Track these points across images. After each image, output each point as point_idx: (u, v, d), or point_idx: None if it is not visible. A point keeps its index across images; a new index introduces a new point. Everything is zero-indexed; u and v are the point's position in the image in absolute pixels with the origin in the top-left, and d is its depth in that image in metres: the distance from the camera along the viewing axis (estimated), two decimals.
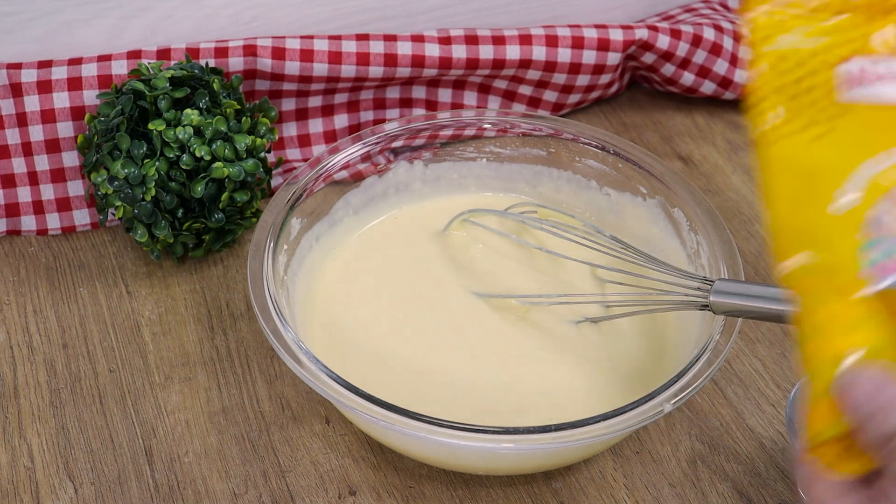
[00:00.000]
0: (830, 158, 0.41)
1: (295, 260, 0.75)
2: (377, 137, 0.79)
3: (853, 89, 0.42)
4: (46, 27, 0.85)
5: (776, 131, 0.42)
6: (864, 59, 0.42)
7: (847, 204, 0.40)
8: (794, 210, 0.41)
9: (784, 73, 0.43)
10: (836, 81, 0.42)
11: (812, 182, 0.41)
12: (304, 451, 0.70)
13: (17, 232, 0.85)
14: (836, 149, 0.41)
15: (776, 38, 0.43)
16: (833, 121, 0.42)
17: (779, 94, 0.43)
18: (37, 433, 0.71)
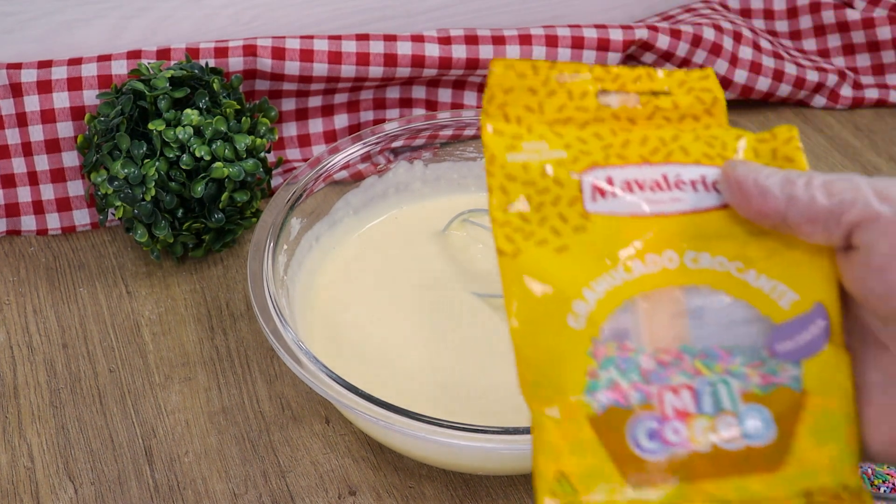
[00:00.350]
0: (571, 272, 0.41)
1: (295, 260, 0.75)
2: (377, 137, 0.79)
3: (597, 200, 0.42)
4: (46, 27, 0.85)
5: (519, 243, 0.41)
6: (609, 168, 0.42)
7: (582, 318, 0.40)
8: (530, 328, 0.40)
9: (528, 183, 0.42)
10: (580, 192, 0.42)
11: (549, 299, 0.40)
12: (304, 452, 0.70)
13: (17, 232, 0.85)
14: (576, 262, 0.41)
15: (521, 146, 0.43)
16: (577, 233, 0.41)
17: (523, 207, 0.42)
18: (37, 433, 0.71)
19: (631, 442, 0.39)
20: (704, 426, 0.39)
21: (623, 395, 0.39)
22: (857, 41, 1.02)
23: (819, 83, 0.99)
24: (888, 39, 1.01)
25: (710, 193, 0.42)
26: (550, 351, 0.40)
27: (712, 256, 0.41)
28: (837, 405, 0.40)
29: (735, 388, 0.40)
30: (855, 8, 1.03)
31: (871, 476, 0.64)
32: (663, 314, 0.41)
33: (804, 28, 1.04)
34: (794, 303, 0.41)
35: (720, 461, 0.39)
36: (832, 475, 0.39)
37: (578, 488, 0.39)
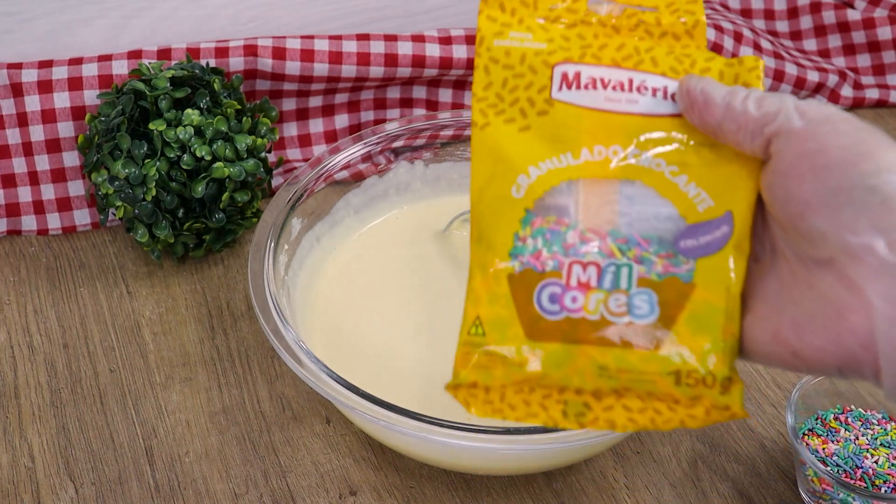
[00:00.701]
0: (525, 149, 0.46)
1: (295, 260, 0.75)
2: (378, 137, 0.79)
3: (563, 90, 0.47)
4: (46, 27, 0.85)
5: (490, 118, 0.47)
6: (581, 65, 0.47)
7: (522, 189, 0.45)
8: (483, 190, 0.46)
9: (507, 67, 0.47)
10: (550, 80, 0.47)
11: (504, 167, 0.46)
12: (304, 452, 0.70)
13: (17, 232, 0.85)
14: (533, 141, 0.46)
15: (508, 33, 0.48)
16: (539, 116, 0.46)
17: (501, 86, 0.47)
18: (37, 433, 0.71)
19: (535, 302, 0.44)
20: (599, 299, 0.44)
21: (540, 261, 0.45)
22: (857, 41, 1.02)
23: (819, 83, 0.99)
24: (888, 39, 1.01)
25: (667, 102, 0.46)
26: (493, 214, 0.46)
27: (653, 157, 0.46)
28: (719, 302, 0.44)
29: (635, 273, 0.44)
30: (855, 8, 1.03)
31: (871, 476, 0.64)
32: (598, 199, 0.45)
33: (805, 28, 1.04)
34: (708, 208, 0.45)
35: (605, 331, 0.44)
36: (702, 362, 0.43)
37: (487, 333, 0.45)
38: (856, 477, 0.64)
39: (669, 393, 0.44)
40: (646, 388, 0.44)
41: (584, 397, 0.45)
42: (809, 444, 0.66)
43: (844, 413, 0.68)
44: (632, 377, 0.44)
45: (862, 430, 0.67)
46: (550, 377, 0.44)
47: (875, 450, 0.65)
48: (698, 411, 0.45)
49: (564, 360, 0.44)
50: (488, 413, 0.46)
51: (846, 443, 0.66)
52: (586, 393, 0.45)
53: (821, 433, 0.67)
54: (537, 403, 0.45)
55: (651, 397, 0.44)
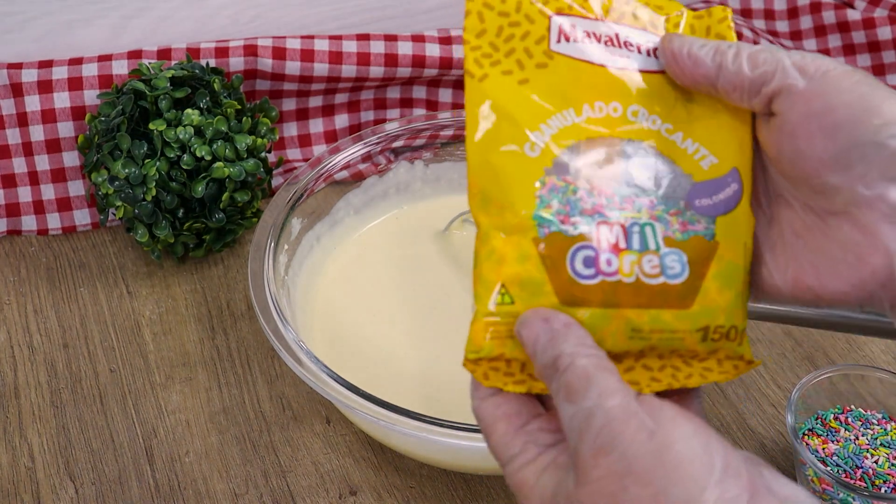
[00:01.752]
0: (529, 105, 0.45)
1: (296, 260, 0.75)
2: (378, 137, 0.79)
3: (562, 42, 0.46)
4: (46, 27, 0.85)
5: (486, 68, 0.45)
6: (573, 17, 0.46)
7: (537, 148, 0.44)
8: (488, 147, 0.44)
9: (502, 14, 0.46)
10: (548, 31, 0.46)
11: (509, 125, 0.44)
12: (304, 451, 0.70)
13: (17, 232, 0.85)
14: (536, 96, 0.45)
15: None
16: (538, 69, 0.45)
17: (495, 35, 0.45)
18: (37, 433, 0.71)
19: (569, 266, 0.43)
20: (632, 260, 0.43)
21: (568, 224, 0.43)
22: (857, 41, 1.02)
23: None
24: (888, 39, 1.01)
25: (651, 59, 0.46)
26: (505, 172, 0.44)
27: (649, 114, 0.46)
28: (737, 258, 0.44)
29: (659, 232, 0.44)
30: (855, 8, 1.03)
31: (871, 476, 0.64)
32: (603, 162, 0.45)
33: (805, 28, 1.04)
34: (713, 165, 0.45)
35: (641, 293, 0.43)
36: (726, 316, 0.44)
37: (516, 300, 0.43)
38: (856, 477, 0.64)
39: (691, 349, 0.44)
40: (673, 345, 0.44)
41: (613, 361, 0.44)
42: (809, 444, 0.66)
43: (844, 413, 0.68)
44: (663, 336, 0.44)
45: (862, 430, 0.67)
46: None
47: (875, 450, 0.65)
48: (712, 364, 0.45)
49: (600, 325, 0.43)
50: (509, 386, 0.44)
51: (846, 443, 0.66)
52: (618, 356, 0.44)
53: (821, 433, 0.67)
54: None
55: (672, 354, 0.44)
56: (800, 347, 0.77)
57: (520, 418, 0.43)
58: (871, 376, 0.68)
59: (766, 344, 0.78)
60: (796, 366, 0.76)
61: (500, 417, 0.43)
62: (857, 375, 0.68)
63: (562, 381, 0.40)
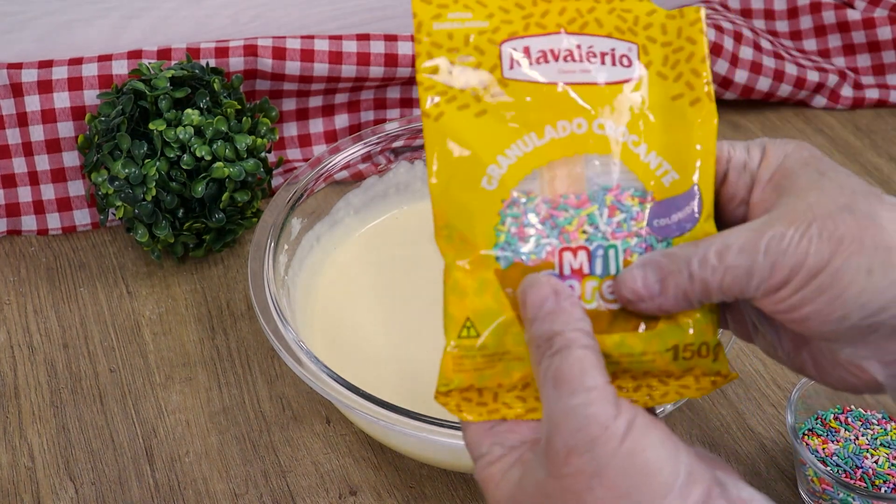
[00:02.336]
0: (487, 136, 0.44)
1: (295, 260, 0.75)
2: (378, 137, 0.79)
3: (515, 69, 0.45)
4: (46, 27, 0.85)
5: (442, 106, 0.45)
6: (527, 38, 0.45)
7: (494, 180, 0.44)
8: (447, 183, 0.44)
9: (452, 50, 0.45)
10: (499, 59, 0.45)
11: (467, 160, 0.44)
12: (304, 451, 0.70)
13: (17, 232, 0.85)
14: (493, 126, 0.44)
15: (446, 15, 0.46)
16: (494, 98, 0.45)
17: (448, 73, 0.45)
18: (37, 433, 0.71)
19: None
20: (594, 287, 0.43)
21: (527, 253, 0.43)
22: (857, 41, 1.02)
23: (819, 83, 0.99)
24: (888, 39, 1.01)
25: (616, 68, 0.46)
26: (464, 208, 0.44)
27: (616, 126, 0.45)
28: None
29: (621, 255, 0.44)
30: (855, 8, 1.03)
31: (871, 476, 0.64)
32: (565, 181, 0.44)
33: (805, 28, 1.04)
34: (674, 181, 0.45)
35: (602, 319, 0.43)
36: (695, 334, 0.44)
37: (481, 333, 0.43)
38: (856, 477, 0.64)
39: (665, 369, 0.44)
40: (644, 367, 0.44)
41: None
42: (809, 444, 0.66)
43: (844, 413, 0.68)
44: (632, 359, 0.44)
45: (862, 430, 0.67)
46: None
47: (875, 450, 0.65)
48: (689, 381, 0.45)
49: None
50: (484, 416, 0.44)
51: (846, 443, 0.66)
52: None
53: (821, 433, 0.67)
54: (533, 398, 0.44)
55: (646, 375, 0.44)
56: None
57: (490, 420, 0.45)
58: None
59: None
60: None
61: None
62: None
63: (553, 364, 0.41)
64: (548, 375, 0.41)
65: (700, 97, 0.46)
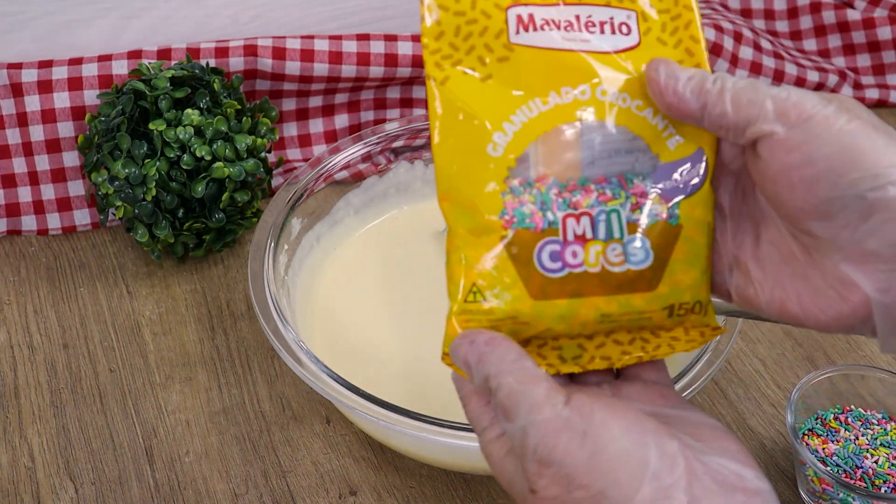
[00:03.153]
0: (492, 101, 0.45)
1: (295, 260, 0.75)
2: (378, 137, 0.79)
3: (521, 33, 0.45)
4: (46, 27, 0.85)
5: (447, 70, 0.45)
6: (529, 6, 0.46)
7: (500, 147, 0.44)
8: (452, 150, 0.45)
9: (458, 13, 0.45)
10: (505, 24, 0.45)
11: (472, 126, 0.44)
12: (304, 452, 0.70)
13: (17, 232, 0.85)
14: (499, 92, 0.45)
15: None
16: (500, 63, 0.45)
17: (454, 35, 0.45)
18: (37, 433, 0.71)
19: (536, 261, 0.44)
20: (597, 251, 0.44)
21: (535, 220, 0.44)
22: (857, 41, 1.02)
23: (819, 83, 0.99)
24: (888, 39, 1.01)
25: (616, 36, 0.46)
26: (469, 173, 0.44)
27: (619, 92, 0.45)
28: (701, 237, 0.45)
29: (624, 219, 0.45)
30: (855, 8, 1.03)
31: (871, 476, 0.64)
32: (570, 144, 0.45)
33: (804, 28, 1.04)
34: (679, 145, 0.45)
35: (607, 282, 0.44)
36: (692, 293, 0.45)
37: (487, 298, 0.44)
38: (856, 477, 0.64)
39: (659, 324, 0.46)
40: (641, 324, 0.45)
41: (578, 340, 0.46)
42: (809, 444, 0.66)
43: (844, 413, 0.68)
44: (632, 318, 0.45)
45: (862, 430, 0.67)
46: (554, 330, 0.45)
47: (875, 450, 0.65)
48: (679, 333, 0.47)
49: (570, 315, 0.44)
50: None
51: (846, 443, 0.66)
52: (580, 336, 0.45)
53: (821, 433, 0.67)
54: (534, 354, 0.45)
55: (641, 329, 0.46)
56: (800, 347, 0.77)
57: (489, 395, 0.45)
58: (871, 376, 0.68)
59: (766, 344, 0.78)
60: (796, 366, 0.76)
61: (472, 392, 0.45)
62: (857, 375, 0.68)
63: (496, 403, 0.42)
64: (498, 414, 0.42)
65: (701, 62, 0.46)
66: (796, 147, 0.41)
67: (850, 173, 0.40)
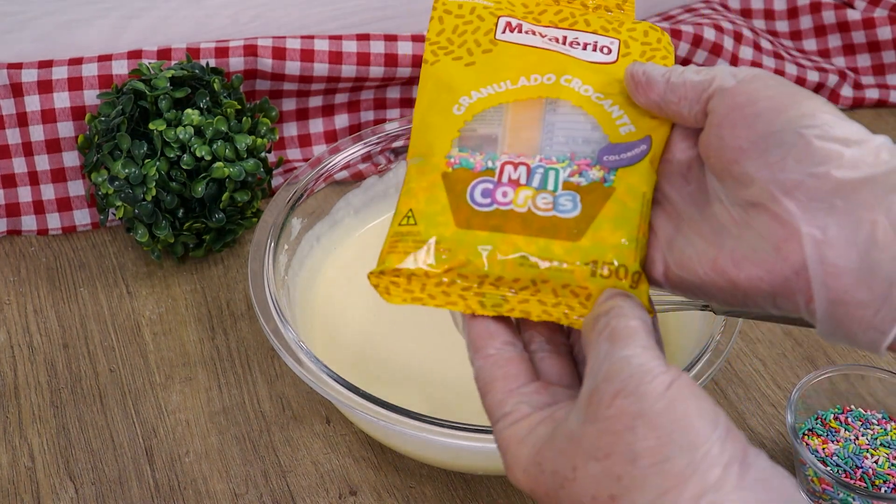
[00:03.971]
0: (468, 77, 0.51)
1: (295, 260, 0.75)
2: (378, 137, 0.79)
3: (506, 33, 0.52)
4: (46, 27, 0.85)
5: (440, 56, 0.52)
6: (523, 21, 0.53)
7: (463, 107, 0.50)
8: (426, 111, 0.50)
9: (459, 17, 0.53)
10: (495, 26, 0.53)
11: (448, 93, 0.50)
12: (304, 451, 0.70)
13: (17, 232, 0.85)
14: (477, 72, 0.51)
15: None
16: (484, 54, 0.52)
17: (451, 32, 0.53)
18: (37, 433, 0.71)
19: (468, 196, 0.47)
20: (527, 195, 0.47)
21: (474, 162, 0.48)
22: (857, 41, 1.02)
23: (819, 83, 0.99)
24: (888, 39, 1.01)
25: (596, 53, 0.52)
26: (435, 127, 0.50)
27: (583, 83, 0.50)
28: (635, 203, 0.47)
29: (561, 177, 0.48)
30: (855, 8, 1.03)
31: (871, 476, 0.64)
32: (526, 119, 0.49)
33: (804, 28, 1.04)
34: (630, 132, 0.49)
35: (531, 223, 0.47)
36: (616, 254, 0.46)
37: (419, 222, 0.47)
38: (856, 477, 0.64)
39: (584, 286, 0.46)
40: (563, 278, 0.46)
41: (502, 290, 0.47)
42: (809, 444, 0.66)
43: (844, 413, 0.68)
44: (552, 267, 0.46)
45: (862, 430, 0.67)
46: (473, 264, 0.46)
47: (875, 450, 0.65)
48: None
49: (490, 245, 0.46)
50: (408, 301, 0.48)
51: (846, 443, 0.66)
52: (504, 287, 0.47)
53: (821, 433, 0.67)
54: (456, 294, 0.47)
55: (566, 290, 0.47)
56: (800, 347, 0.77)
57: (517, 380, 0.46)
58: (871, 376, 0.68)
59: (766, 344, 0.78)
60: (796, 366, 0.76)
61: (498, 377, 0.46)
62: (857, 375, 0.68)
63: (610, 324, 0.43)
64: (603, 334, 0.43)
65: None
66: (742, 92, 0.44)
67: (789, 111, 0.43)
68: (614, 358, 0.42)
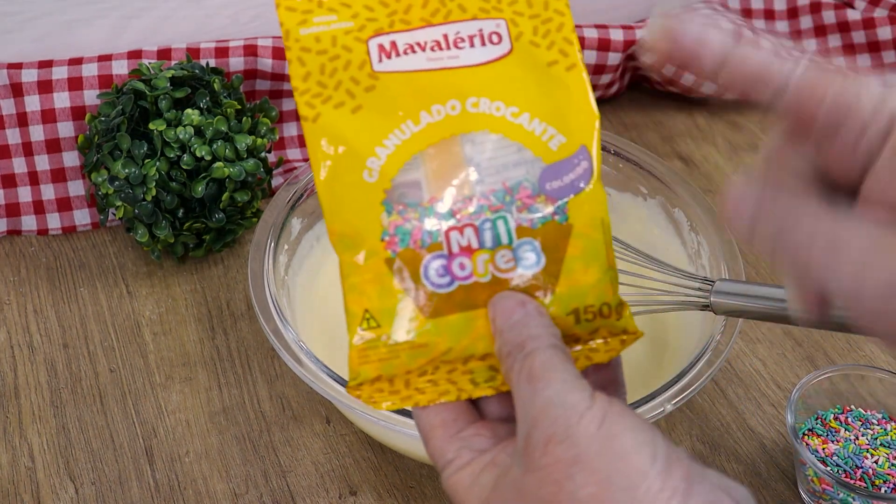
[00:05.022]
0: (364, 129, 0.45)
1: (296, 260, 0.75)
2: None
3: (384, 61, 0.46)
4: (46, 27, 0.85)
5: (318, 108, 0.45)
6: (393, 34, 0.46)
7: (375, 172, 0.44)
8: (332, 183, 0.45)
9: (321, 52, 0.46)
10: (367, 55, 0.46)
11: (348, 154, 0.45)
12: (304, 451, 0.70)
13: (17, 232, 0.85)
14: (369, 119, 0.45)
15: (312, 20, 0.47)
16: (368, 93, 0.45)
17: (320, 73, 0.46)
18: (37, 433, 0.71)
19: (424, 279, 0.44)
20: (485, 259, 0.44)
21: (414, 238, 0.44)
22: (857, 41, 1.02)
23: None
24: (888, 39, 1.01)
25: (487, 47, 0.46)
26: (351, 204, 0.44)
27: (491, 101, 0.45)
28: (596, 233, 0.45)
29: (512, 224, 0.44)
30: (855, 8, 1.03)
31: (871, 476, 0.64)
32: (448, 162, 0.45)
33: (805, 28, 1.04)
34: (562, 144, 0.45)
35: (499, 288, 0.44)
36: (595, 295, 0.44)
37: (382, 323, 0.44)
38: (856, 477, 0.64)
39: (570, 334, 0.45)
40: None
41: (489, 361, 0.45)
42: (809, 444, 0.66)
43: (844, 413, 0.68)
44: None
45: (862, 430, 0.67)
46: (455, 350, 0.44)
47: (875, 450, 0.65)
48: (598, 344, 0.46)
49: (466, 329, 0.44)
50: (398, 404, 0.45)
51: (846, 443, 0.66)
52: (490, 357, 0.45)
53: (821, 433, 0.67)
54: (445, 380, 0.45)
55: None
56: (800, 347, 0.77)
57: (456, 425, 0.45)
58: (871, 376, 0.68)
59: (766, 344, 0.78)
60: (796, 366, 0.76)
61: (436, 425, 0.45)
62: (857, 375, 0.68)
63: (526, 364, 0.42)
64: (521, 375, 0.42)
65: (576, 63, 0.46)
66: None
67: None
68: (537, 402, 0.40)
